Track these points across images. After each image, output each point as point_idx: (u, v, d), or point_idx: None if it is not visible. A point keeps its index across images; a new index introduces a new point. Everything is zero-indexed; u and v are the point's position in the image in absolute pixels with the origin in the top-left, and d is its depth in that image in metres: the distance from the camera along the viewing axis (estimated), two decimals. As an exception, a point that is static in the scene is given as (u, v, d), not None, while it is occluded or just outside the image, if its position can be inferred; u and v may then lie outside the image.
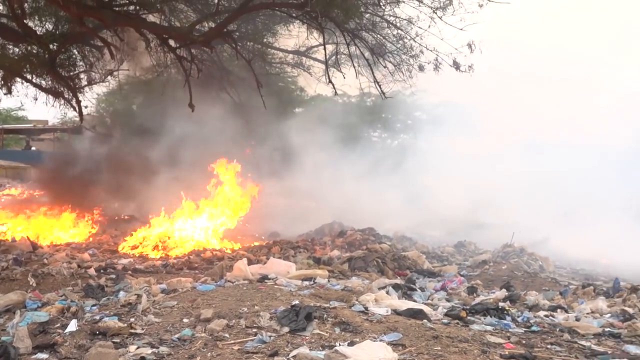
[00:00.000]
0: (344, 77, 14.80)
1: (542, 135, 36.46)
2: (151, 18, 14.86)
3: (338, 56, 15.01)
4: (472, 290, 10.70)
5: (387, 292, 9.33)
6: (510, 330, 7.58)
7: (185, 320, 7.22)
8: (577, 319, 8.40)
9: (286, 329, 6.77)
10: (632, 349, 6.94)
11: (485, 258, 15.56)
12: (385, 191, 27.42)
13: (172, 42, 14.39)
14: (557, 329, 7.84)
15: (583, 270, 17.51)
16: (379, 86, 13.57)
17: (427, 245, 19.29)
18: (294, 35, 20.73)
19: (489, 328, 7.53)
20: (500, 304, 8.95)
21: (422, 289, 10.69)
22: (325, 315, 7.23)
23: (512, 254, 16.21)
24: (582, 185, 27.59)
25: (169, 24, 15.77)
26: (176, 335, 6.63)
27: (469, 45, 14.74)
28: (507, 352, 6.24)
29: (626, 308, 8.90)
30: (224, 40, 14.36)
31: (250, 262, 11.42)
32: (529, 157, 33.51)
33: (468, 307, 8.52)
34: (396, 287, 9.89)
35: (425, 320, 7.43)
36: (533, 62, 35.64)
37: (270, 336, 6.54)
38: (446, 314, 8.09)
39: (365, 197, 25.62)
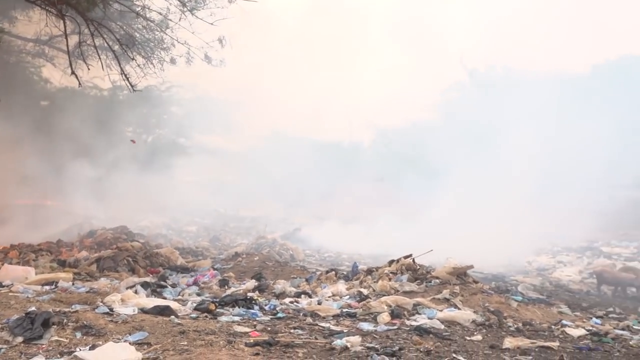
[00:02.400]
0: (89, 69, 13.98)
1: (293, 129, 38.30)
2: None
3: (82, 47, 14.12)
4: (223, 283, 10.86)
5: (136, 291, 9.07)
6: (257, 318, 7.81)
7: None
8: (319, 303, 8.95)
9: (20, 339, 6.20)
10: (365, 326, 7.58)
11: (239, 250, 15.87)
12: (141, 187, 26.59)
13: None
14: (301, 314, 8.28)
15: (330, 257, 18.70)
16: (127, 79, 13.04)
17: (183, 241, 19.15)
18: (34, 22, 19.14)
19: (236, 318, 7.69)
20: (250, 294, 9.20)
21: (175, 285, 10.57)
22: (65, 320, 6.78)
23: (265, 245, 16.76)
24: (328, 178, 29.42)
25: None
26: None
27: (220, 40, 14.91)
28: (252, 340, 6.40)
29: (362, 289, 9.69)
30: (-56, 23, 12.70)
31: (-19, 269, 10.32)
32: (279, 151, 34.97)
33: (218, 300, 8.61)
34: (145, 285, 9.65)
35: (172, 317, 7.34)
36: (282, 58, 37.14)
37: (0, 349, 5.95)
38: (195, 308, 8.10)
39: (119, 193, 24.61)
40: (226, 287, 10.53)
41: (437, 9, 42.34)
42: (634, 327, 9.22)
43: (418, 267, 10.53)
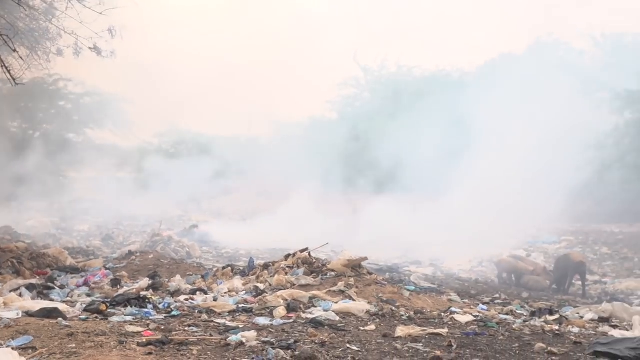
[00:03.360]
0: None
1: (190, 124, 37.79)
2: None
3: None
4: (116, 283, 10.55)
5: (20, 294, 8.64)
6: (150, 317, 7.63)
7: None
8: (215, 299, 8.87)
9: None
10: (261, 321, 7.59)
11: (133, 249, 15.46)
12: (28, 186, 25.37)
13: None
14: (196, 311, 8.17)
15: (228, 253, 18.59)
16: (9, 71, 12.32)
17: (73, 241, 18.45)
18: None
19: (129, 318, 7.49)
20: (143, 293, 8.98)
21: (63, 287, 10.14)
22: (-61, 328, 6.37)
23: (160, 243, 16.42)
24: (226, 174, 29.16)
25: None
26: None
27: (110, 31, 14.30)
28: (144, 340, 6.25)
29: (258, 284, 9.69)
30: None
31: None
32: (176, 146, 34.35)
33: (109, 300, 8.35)
34: (31, 287, 9.20)
35: (60, 319, 7.04)
36: (178, 51, 36.50)
37: None
38: (85, 310, 7.82)
39: (3, 192, 23.37)
40: (118, 287, 10.22)
41: (332, 4, 43.04)
42: (517, 311, 9.81)
43: (314, 260, 10.65)
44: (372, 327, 7.57)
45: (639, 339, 6.92)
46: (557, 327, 8.27)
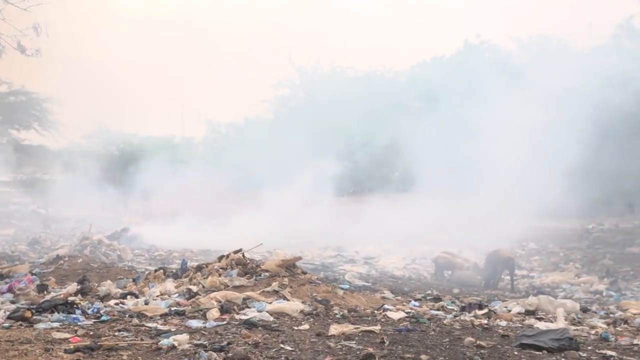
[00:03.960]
0: None
1: (122, 125, 36.98)
2: None
3: None
4: (42, 288, 10.17)
5: (-62, 303, 8.23)
6: (79, 323, 7.42)
7: None
8: (146, 303, 8.68)
9: None
10: (194, 324, 7.50)
11: (61, 253, 15.01)
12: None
13: None
14: (127, 315, 7.98)
15: (161, 256, 18.26)
16: None
17: (-2, 246, 17.78)
18: None
19: (56, 325, 7.25)
20: (71, 299, 8.72)
21: (-14, 295, 9.73)
22: None
23: (90, 247, 16.00)
24: (157, 176, 28.65)
25: None
26: None
27: (35, 28, 13.81)
28: (72, 347, 6.08)
29: (191, 287, 9.54)
30: None
31: None
32: (106, 148, 33.51)
33: (35, 306, 8.06)
34: (-50, 295, 8.80)
35: (-19, 328, 6.77)
36: (111, 50, 35.76)
37: None
38: (9, 317, 7.53)
39: None
40: (45, 293, 9.87)
41: (265, 5, 43.09)
42: (448, 307, 10.02)
43: (248, 261, 10.58)
44: (306, 326, 7.58)
45: (562, 330, 7.21)
46: (485, 321, 8.51)
